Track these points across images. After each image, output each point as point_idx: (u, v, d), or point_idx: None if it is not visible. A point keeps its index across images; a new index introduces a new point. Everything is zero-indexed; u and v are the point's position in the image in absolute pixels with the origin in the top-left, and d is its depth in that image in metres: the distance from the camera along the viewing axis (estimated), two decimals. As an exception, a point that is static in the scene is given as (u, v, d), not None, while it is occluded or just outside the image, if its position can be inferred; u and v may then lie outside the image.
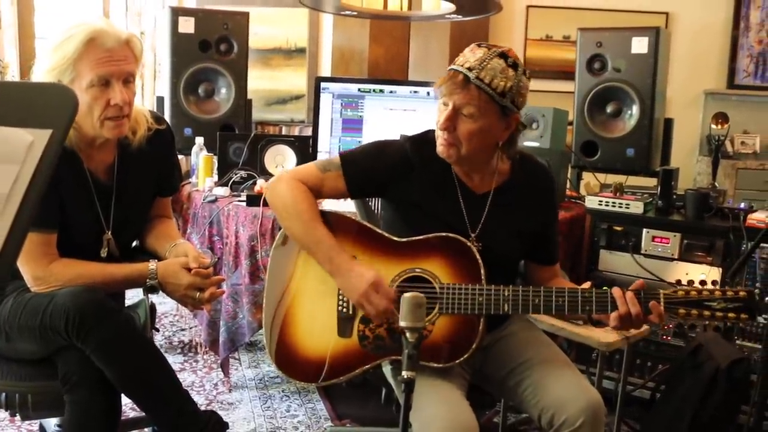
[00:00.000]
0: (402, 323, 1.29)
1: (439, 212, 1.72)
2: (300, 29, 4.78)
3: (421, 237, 1.68)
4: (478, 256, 1.64)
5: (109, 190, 1.79)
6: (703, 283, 1.61)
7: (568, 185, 3.16)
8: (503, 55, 1.62)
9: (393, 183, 1.74)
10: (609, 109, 3.21)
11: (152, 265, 1.74)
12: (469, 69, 1.59)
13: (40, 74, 1.67)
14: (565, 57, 4.61)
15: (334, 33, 4.69)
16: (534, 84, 5.30)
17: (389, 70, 4.56)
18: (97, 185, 1.77)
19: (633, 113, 3.15)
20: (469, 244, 1.66)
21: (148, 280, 1.72)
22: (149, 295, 1.93)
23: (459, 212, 1.73)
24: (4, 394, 1.76)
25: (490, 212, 1.74)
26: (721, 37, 4.86)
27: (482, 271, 1.63)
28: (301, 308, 1.75)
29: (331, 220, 1.74)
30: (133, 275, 1.73)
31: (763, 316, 2.13)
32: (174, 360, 3.01)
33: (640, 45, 3.15)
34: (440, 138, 1.67)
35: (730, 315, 1.55)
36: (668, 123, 3.38)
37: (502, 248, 1.73)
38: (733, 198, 4.07)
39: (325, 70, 4.80)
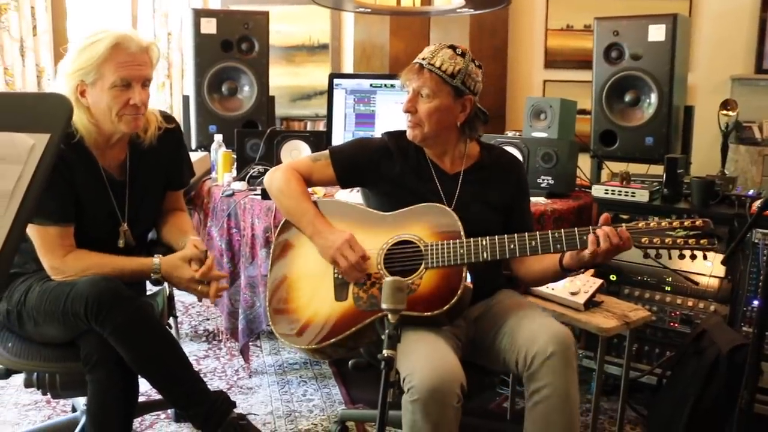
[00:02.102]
0: (383, 305, 1.39)
1: (419, 191, 1.94)
2: (322, 26, 4.89)
3: (405, 209, 1.91)
4: (455, 216, 1.84)
5: (122, 185, 1.92)
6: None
7: (581, 175, 3.20)
8: (452, 47, 1.92)
9: (375, 169, 1.98)
10: (627, 97, 3.22)
11: (156, 260, 1.88)
12: (423, 58, 1.91)
13: (64, 76, 1.81)
14: (587, 46, 4.57)
15: (356, 29, 4.77)
16: (555, 74, 5.27)
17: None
18: (111, 181, 1.90)
19: (651, 101, 3.16)
20: (446, 207, 1.87)
21: (152, 274, 1.87)
22: (165, 284, 2.07)
23: (435, 190, 1.96)
24: (35, 375, 1.92)
25: (462, 188, 1.97)
26: (749, 20, 4.75)
27: (461, 228, 1.82)
28: (301, 281, 1.95)
29: (327, 205, 2.02)
30: (139, 269, 1.88)
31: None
32: (199, 347, 3.16)
33: (657, 32, 3.15)
34: (406, 121, 1.94)
35: (691, 241, 1.68)
36: (688, 110, 3.38)
37: (478, 220, 1.91)
38: (758, 185, 4.02)
39: (348, 66, 4.89)
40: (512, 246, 1.78)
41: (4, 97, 1.51)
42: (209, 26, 3.58)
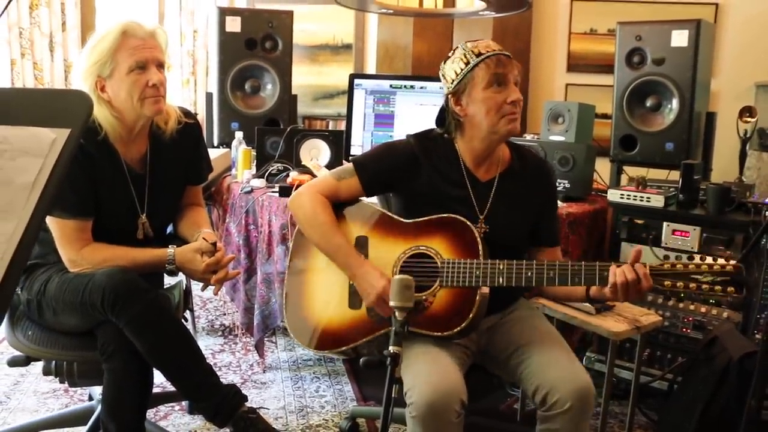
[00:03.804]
0: (391, 303, 1.41)
1: (449, 197, 1.87)
2: (346, 26, 4.92)
3: (425, 218, 1.84)
4: (476, 234, 1.78)
5: (142, 178, 1.98)
6: (691, 258, 1.66)
7: (598, 179, 3.20)
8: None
9: (403, 176, 1.90)
10: (648, 103, 3.21)
11: (170, 250, 1.92)
12: (500, 50, 1.83)
13: (80, 74, 1.88)
14: (610, 51, 4.54)
15: (379, 29, 4.79)
16: (578, 78, 5.25)
17: (433, 66, 4.57)
18: (132, 174, 1.96)
19: (673, 107, 3.14)
20: (468, 223, 1.80)
21: (167, 265, 1.92)
22: (183, 277, 2.12)
23: (467, 197, 1.88)
24: (54, 362, 1.98)
25: (496, 197, 1.89)
26: (776, 27, 4.70)
27: (480, 248, 1.77)
28: (317, 283, 1.94)
29: (347, 207, 1.94)
30: (154, 260, 1.92)
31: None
32: (215, 341, 3.21)
33: (680, 38, 3.14)
34: (507, 116, 1.80)
35: (717, 288, 1.59)
36: (710, 116, 3.36)
37: (508, 230, 1.87)
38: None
39: (371, 66, 4.92)
40: (529, 274, 1.73)
41: (29, 93, 1.57)
42: (234, 24, 3.63)
